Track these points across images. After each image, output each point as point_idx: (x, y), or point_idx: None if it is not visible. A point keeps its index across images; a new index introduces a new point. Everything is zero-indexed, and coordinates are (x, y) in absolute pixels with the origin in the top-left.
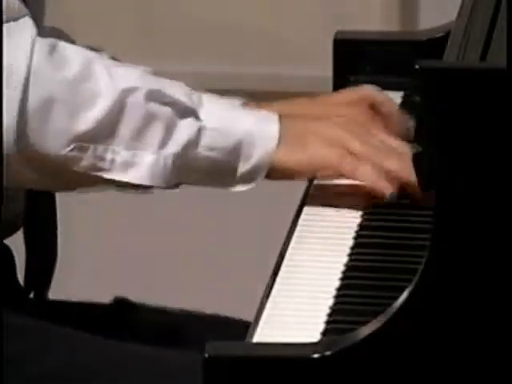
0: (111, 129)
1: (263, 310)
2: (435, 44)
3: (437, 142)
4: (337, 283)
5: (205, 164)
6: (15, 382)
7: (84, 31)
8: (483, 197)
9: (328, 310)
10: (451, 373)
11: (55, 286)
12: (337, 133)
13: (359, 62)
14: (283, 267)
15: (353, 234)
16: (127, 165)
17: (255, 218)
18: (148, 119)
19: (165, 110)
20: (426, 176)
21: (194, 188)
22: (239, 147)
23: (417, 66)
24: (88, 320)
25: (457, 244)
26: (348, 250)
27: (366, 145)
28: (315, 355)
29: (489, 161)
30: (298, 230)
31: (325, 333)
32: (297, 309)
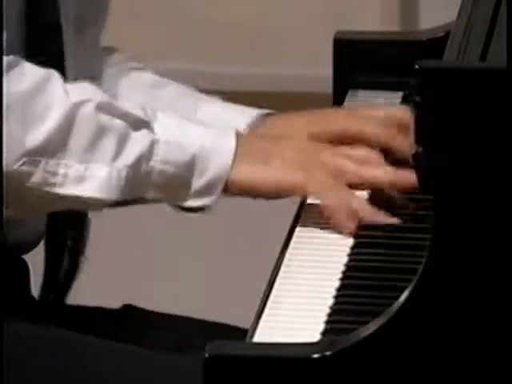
0: (62, 142)
1: (263, 310)
2: (435, 44)
3: (437, 142)
4: (337, 283)
5: (159, 178)
6: None
7: None
8: (483, 197)
9: (328, 310)
10: (451, 373)
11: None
12: (300, 151)
13: (359, 62)
14: (283, 267)
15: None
16: (80, 178)
17: (255, 218)
18: (100, 131)
19: (117, 123)
20: (426, 176)
21: None
22: (193, 161)
23: (417, 66)
24: (95, 325)
25: (457, 244)
26: (348, 250)
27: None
28: (315, 355)
29: (489, 160)
30: (298, 230)
31: (325, 333)
32: (297, 309)
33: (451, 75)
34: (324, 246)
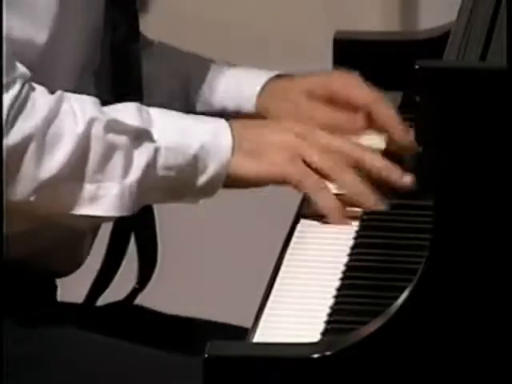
0: (76, 169)
1: (263, 310)
2: (435, 44)
3: (437, 142)
4: (337, 283)
5: (163, 183)
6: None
7: None
8: (483, 197)
9: (328, 310)
10: (451, 372)
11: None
12: (292, 142)
13: (359, 62)
14: (283, 267)
15: (353, 234)
16: (94, 198)
17: (255, 218)
18: (108, 151)
19: (122, 139)
20: (426, 176)
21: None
22: (195, 162)
23: (417, 66)
24: (97, 323)
25: (457, 244)
26: (348, 250)
27: (324, 155)
28: (315, 355)
29: (489, 160)
30: (299, 230)
31: (325, 333)
32: (297, 309)
33: (451, 75)
34: (324, 246)
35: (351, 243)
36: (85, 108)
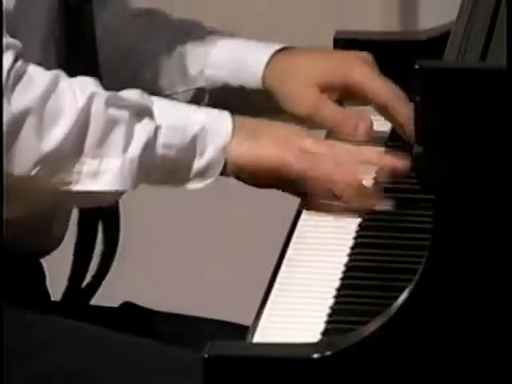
0: (77, 143)
1: (263, 310)
2: (435, 44)
3: (437, 142)
4: (337, 283)
5: (162, 162)
6: (18, 378)
7: None
8: (483, 197)
9: (328, 310)
10: (451, 372)
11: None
12: (288, 133)
13: None
14: (283, 267)
15: (353, 234)
16: (95, 173)
17: (255, 218)
18: (109, 126)
19: (123, 114)
20: (426, 176)
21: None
22: (194, 143)
23: (417, 66)
24: (95, 323)
25: (457, 244)
26: (348, 250)
27: (318, 143)
28: (315, 355)
29: (489, 160)
30: (299, 230)
31: (325, 333)
32: (297, 309)
33: (451, 75)
34: (324, 247)
35: (351, 243)
36: (84, 85)
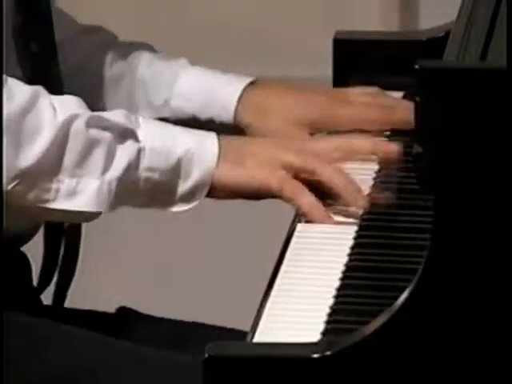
0: (55, 161)
1: (263, 310)
2: (435, 44)
3: (437, 142)
4: (337, 283)
5: (145, 185)
6: (16, 381)
7: None
8: (483, 197)
9: (328, 310)
10: (451, 372)
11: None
12: (271, 151)
13: (359, 62)
14: (283, 267)
15: (353, 234)
16: (72, 193)
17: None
18: (89, 146)
19: (105, 135)
20: (426, 176)
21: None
22: (178, 167)
23: (417, 66)
24: (91, 328)
25: (457, 244)
26: (348, 250)
27: (301, 154)
28: (315, 355)
29: (489, 160)
30: (298, 230)
31: (325, 333)
32: (297, 309)
33: (451, 75)
34: (324, 246)
35: (351, 243)
36: (65, 105)
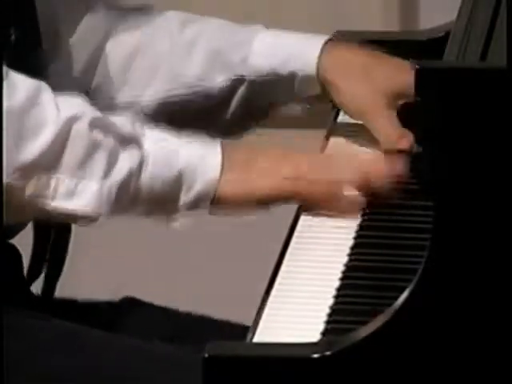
0: (55, 158)
1: (263, 310)
2: (435, 44)
3: (437, 142)
4: (337, 283)
5: (147, 194)
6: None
7: None
8: (483, 197)
9: (328, 310)
10: (451, 372)
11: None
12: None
13: None
14: (283, 267)
15: (353, 234)
16: (71, 193)
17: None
18: (91, 148)
19: (108, 139)
20: (426, 176)
21: None
22: (181, 177)
23: (417, 66)
24: (95, 317)
25: (457, 244)
26: (348, 250)
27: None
28: (315, 355)
29: (489, 160)
30: (299, 230)
31: (325, 333)
32: (297, 309)
33: (451, 75)
34: (324, 247)
35: (351, 243)
36: (70, 103)
